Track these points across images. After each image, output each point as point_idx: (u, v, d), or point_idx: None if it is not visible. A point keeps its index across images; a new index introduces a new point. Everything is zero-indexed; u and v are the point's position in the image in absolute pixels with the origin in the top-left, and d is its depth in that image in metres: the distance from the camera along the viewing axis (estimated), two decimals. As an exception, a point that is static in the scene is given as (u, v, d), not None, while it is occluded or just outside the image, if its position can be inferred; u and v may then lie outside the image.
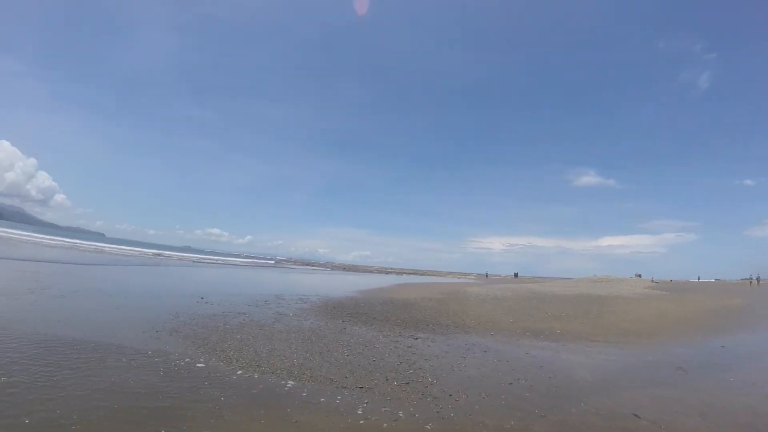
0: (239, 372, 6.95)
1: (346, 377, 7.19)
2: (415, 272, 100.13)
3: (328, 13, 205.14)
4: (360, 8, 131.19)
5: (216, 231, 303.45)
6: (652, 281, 48.83)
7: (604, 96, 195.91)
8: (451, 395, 6.61)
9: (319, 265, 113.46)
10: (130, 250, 62.03)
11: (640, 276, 56.63)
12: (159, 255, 58.83)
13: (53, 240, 54.38)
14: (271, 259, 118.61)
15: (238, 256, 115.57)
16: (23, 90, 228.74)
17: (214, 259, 70.58)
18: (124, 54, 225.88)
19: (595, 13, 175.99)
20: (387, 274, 79.63)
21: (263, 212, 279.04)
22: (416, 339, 11.10)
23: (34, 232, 70.14)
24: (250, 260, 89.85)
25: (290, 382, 6.65)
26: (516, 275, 77.49)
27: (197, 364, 7.21)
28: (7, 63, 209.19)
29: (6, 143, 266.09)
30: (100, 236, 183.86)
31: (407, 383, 7.07)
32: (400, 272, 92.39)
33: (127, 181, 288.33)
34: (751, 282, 50.27)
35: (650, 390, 7.52)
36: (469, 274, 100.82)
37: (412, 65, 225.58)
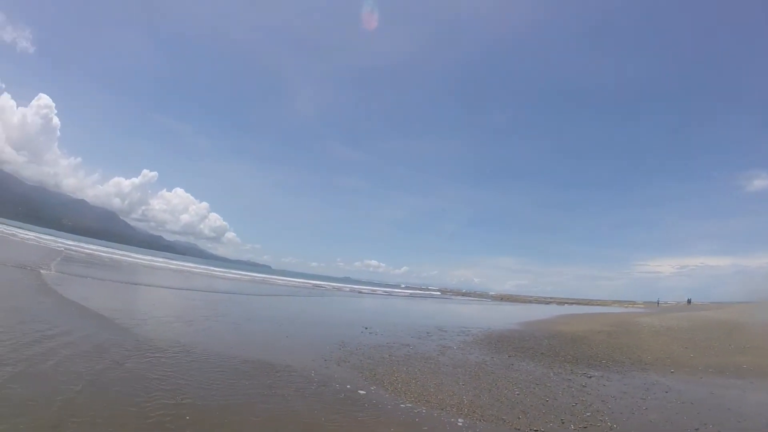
0: (408, 405, 7.09)
1: (519, 418, 6.96)
2: (577, 302, 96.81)
3: (462, 47, 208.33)
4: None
5: (374, 262, 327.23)
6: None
7: (754, 82, 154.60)
8: (632, 442, 6.34)
9: (476, 295, 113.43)
10: (296, 281, 67.36)
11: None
12: (322, 286, 63.78)
13: (225, 272, 60.04)
14: (436, 289, 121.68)
15: (396, 286, 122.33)
16: (194, 145, 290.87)
17: (373, 290, 74.69)
18: (283, 106, 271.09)
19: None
20: (547, 304, 77.41)
21: (418, 243, 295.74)
22: (590, 377, 10.62)
23: (208, 265, 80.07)
24: (413, 291, 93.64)
25: (460, 420, 6.61)
26: (689, 302, 71.79)
27: (360, 391, 7.54)
28: (178, 125, 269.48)
29: (180, 190, 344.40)
30: (267, 268, 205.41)
31: (585, 427, 6.77)
32: (561, 302, 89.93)
33: (292, 219, 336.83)
34: None
35: None
36: (636, 302, 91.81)
37: (552, 81, 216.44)
